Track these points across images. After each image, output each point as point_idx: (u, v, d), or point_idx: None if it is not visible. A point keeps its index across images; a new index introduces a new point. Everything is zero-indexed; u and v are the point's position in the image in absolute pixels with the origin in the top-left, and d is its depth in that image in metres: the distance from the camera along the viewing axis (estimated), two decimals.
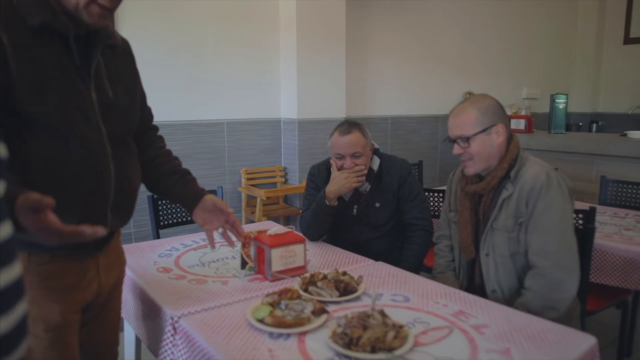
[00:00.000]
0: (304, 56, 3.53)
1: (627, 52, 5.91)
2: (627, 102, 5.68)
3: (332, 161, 2.04)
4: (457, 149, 1.63)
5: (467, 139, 1.59)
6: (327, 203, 1.96)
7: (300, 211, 3.51)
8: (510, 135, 1.64)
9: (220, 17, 3.39)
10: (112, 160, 1.13)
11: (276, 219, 3.54)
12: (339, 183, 1.95)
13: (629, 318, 2.32)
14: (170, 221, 2.44)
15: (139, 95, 1.32)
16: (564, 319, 1.54)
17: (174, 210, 2.45)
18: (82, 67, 1.07)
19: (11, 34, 0.95)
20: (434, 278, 1.79)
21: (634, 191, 2.78)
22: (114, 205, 1.15)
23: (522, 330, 1.21)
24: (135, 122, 1.29)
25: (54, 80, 1.01)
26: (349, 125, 2.01)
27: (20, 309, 0.54)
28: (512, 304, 1.59)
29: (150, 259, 1.82)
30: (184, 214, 2.47)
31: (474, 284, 1.75)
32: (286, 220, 3.74)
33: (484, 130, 1.58)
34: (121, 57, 1.24)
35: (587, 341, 1.15)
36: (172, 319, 1.31)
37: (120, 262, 1.36)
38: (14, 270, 0.54)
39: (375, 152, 2.10)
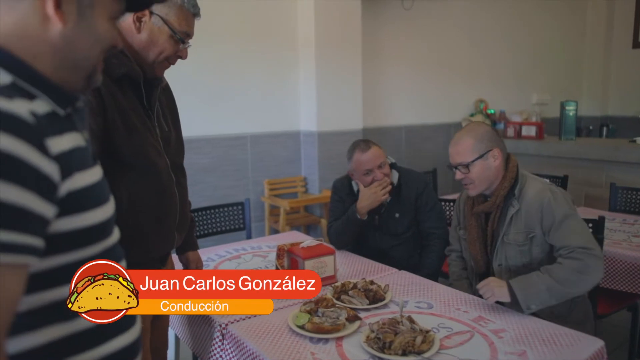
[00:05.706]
0: (322, 70, 3.68)
1: (636, 56, 6.00)
2: (636, 105, 5.76)
3: (357, 181, 2.18)
4: (458, 175, 1.78)
5: (466, 166, 1.74)
6: (359, 217, 2.11)
7: (320, 219, 3.68)
8: (508, 156, 1.79)
9: (241, 34, 3.56)
10: (177, 186, 1.32)
11: (297, 228, 3.70)
12: (370, 198, 2.10)
13: (639, 321, 2.44)
14: (201, 232, 2.58)
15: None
16: (579, 321, 1.70)
17: (203, 223, 2.60)
18: (148, 108, 1.24)
19: (102, 85, 1.12)
20: (451, 285, 1.93)
21: None
22: (178, 226, 1.34)
23: (537, 334, 1.34)
24: (183, 150, 1.46)
25: (134, 122, 1.19)
26: (365, 141, 2.20)
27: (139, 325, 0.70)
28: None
29: None
30: (214, 226, 2.62)
31: None
32: (307, 229, 3.89)
33: (481, 157, 1.73)
34: (165, 94, 1.42)
35: (595, 344, 1.28)
36: (220, 326, 1.46)
37: None
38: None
39: (393, 166, 2.25)
